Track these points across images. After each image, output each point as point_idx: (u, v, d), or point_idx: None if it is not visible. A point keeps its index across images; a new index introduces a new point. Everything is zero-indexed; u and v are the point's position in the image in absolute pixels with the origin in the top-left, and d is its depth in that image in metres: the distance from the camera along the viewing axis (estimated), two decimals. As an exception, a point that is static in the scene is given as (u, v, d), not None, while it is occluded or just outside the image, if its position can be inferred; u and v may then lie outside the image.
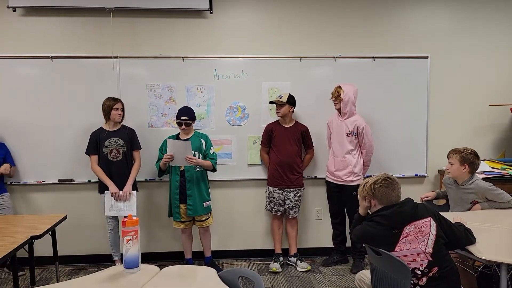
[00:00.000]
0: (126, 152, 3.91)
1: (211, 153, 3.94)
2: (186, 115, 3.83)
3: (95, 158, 3.89)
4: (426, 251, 2.23)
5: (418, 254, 2.23)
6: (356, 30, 4.38)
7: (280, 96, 4.04)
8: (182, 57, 4.25)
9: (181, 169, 3.86)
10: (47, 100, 4.15)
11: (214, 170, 3.97)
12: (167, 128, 4.26)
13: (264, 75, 4.33)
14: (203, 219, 3.97)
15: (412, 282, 2.22)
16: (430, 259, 2.23)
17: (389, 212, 2.30)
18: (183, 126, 3.84)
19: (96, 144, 3.86)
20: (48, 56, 4.12)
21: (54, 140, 4.18)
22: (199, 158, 3.84)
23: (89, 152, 3.90)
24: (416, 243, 2.23)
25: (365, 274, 2.66)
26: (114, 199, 3.88)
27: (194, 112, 3.92)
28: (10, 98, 4.12)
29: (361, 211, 2.56)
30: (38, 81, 4.14)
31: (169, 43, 4.26)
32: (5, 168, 3.90)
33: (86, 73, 4.18)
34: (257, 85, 4.33)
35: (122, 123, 3.97)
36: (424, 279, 2.23)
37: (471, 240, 2.41)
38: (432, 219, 2.30)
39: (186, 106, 3.99)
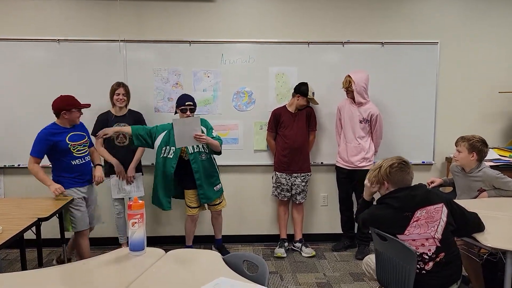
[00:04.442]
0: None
1: (215, 136, 3.77)
2: (190, 100, 3.76)
3: (100, 139, 3.87)
4: (435, 236, 2.22)
5: (427, 239, 2.22)
6: (365, 15, 4.32)
7: (314, 93, 4.06)
8: (189, 41, 4.22)
9: (185, 159, 3.76)
10: (54, 83, 4.15)
11: (220, 152, 3.85)
12: (173, 112, 4.25)
13: (271, 60, 4.30)
14: (217, 202, 3.97)
15: (418, 266, 2.22)
16: (439, 244, 2.22)
17: (402, 195, 2.29)
18: (188, 112, 3.71)
19: (102, 126, 3.81)
20: (55, 39, 4.12)
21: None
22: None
23: (95, 133, 3.85)
24: (426, 228, 2.22)
25: (372, 259, 2.66)
26: (121, 179, 3.89)
27: (194, 99, 3.84)
28: (17, 81, 4.13)
29: (366, 196, 2.55)
30: (45, 64, 4.15)
31: (176, 27, 4.23)
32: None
33: (93, 57, 4.17)
34: (264, 70, 4.30)
35: (129, 108, 3.97)
36: (431, 263, 2.22)
37: (481, 228, 2.41)
38: (444, 206, 2.29)
39: (186, 93, 3.89)
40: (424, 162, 4.49)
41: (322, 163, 4.45)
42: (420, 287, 2.23)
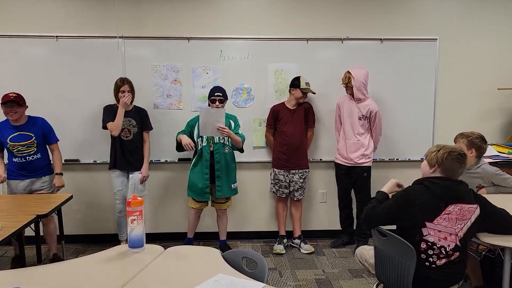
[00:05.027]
0: (137, 132, 3.91)
1: (240, 133, 3.88)
2: (220, 91, 3.82)
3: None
4: (459, 234, 2.21)
5: (450, 234, 2.20)
6: (364, 11, 4.31)
7: (309, 84, 4.02)
8: (187, 37, 4.21)
9: (210, 149, 3.84)
10: (52, 80, 4.15)
11: (242, 150, 3.96)
12: (172, 109, 4.26)
13: (270, 57, 4.29)
14: (224, 201, 4.00)
15: (431, 259, 2.22)
16: (458, 243, 2.21)
17: (444, 184, 2.27)
18: (217, 103, 3.79)
19: (114, 115, 3.78)
20: (53, 36, 4.10)
21: (59, 120, 4.18)
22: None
23: (107, 121, 3.80)
24: (454, 223, 2.20)
25: (368, 251, 2.66)
26: (141, 182, 3.93)
27: (226, 91, 3.90)
28: (15, 77, 4.12)
29: (386, 189, 2.54)
30: (43, 60, 4.13)
31: (174, 23, 4.21)
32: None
33: (91, 53, 4.16)
34: (263, 67, 4.30)
35: (134, 104, 3.96)
36: (444, 260, 2.22)
37: None
38: (478, 207, 2.27)
39: (218, 85, 3.99)
40: (423, 158, 4.44)
41: (321, 159, 4.45)
42: (426, 281, 2.24)
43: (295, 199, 4.21)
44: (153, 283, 1.77)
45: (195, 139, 3.88)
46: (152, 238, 4.33)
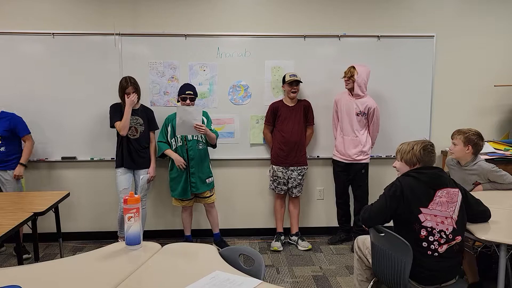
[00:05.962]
0: (143, 131, 3.90)
1: (213, 130, 3.94)
2: (190, 89, 3.84)
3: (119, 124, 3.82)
4: (453, 217, 2.32)
5: (446, 218, 2.31)
6: (361, 8, 4.31)
7: (294, 75, 4.01)
8: (184, 34, 4.20)
9: (186, 147, 3.88)
10: (49, 77, 4.13)
11: (215, 145, 3.99)
12: (169, 106, 4.25)
13: (267, 54, 4.29)
14: (207, 195, 4.01)
15: (432, 247, 2.29)
16: (455, 226, 2.31)
17: (430, 172, 2.42)
18: (188, 101, 3.81)
19: (121, 114, 3.78)
20: (50, 33, 4.09)
21: (56, 118, 4.18)
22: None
23: (115, 120, 3.79)
24: (446, 207, 2.32)
25: (368, 241, 2.66)
26: (148, 181, 3.97)
27: (196, 89, 3.92)
28: (11, 75, 4.10)
29: None
30: (39, 57, 4.12)
31: (171, 20, 4.20)
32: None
33: (88, 50, 4.14)
34: (260, 64, 4.29)
35: (141, 103, 3.95)
36: (445, 247, 2.29)
37: (488, 214, 2.53)
38: (459, 191, 2.42)
39: (188, 83, 3.98)
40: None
41: (318, 156, 4.46)
42: (425, 272, 2.30)
43: (293, 196, 4.22)
44: (150, 280, 1.77)
45: (169, 139, 3.92)
46: (150, 235, 4.34)
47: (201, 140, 3.91)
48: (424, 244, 2.29)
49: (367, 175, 4.14)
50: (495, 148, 4.10)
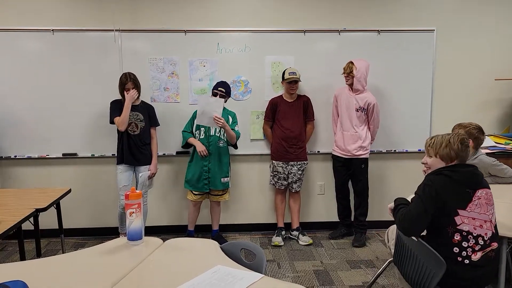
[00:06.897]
0: (144, 127, 3.89)
1: (236, 130, 3.95)
2: (223, 87, 3.88)
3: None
4: (492, 220, 2.15)
5: (485, 221, 2.12)
6: (361, 3, 4.30)
7: (294, 73, 3.99)
8: (184, 30, 4.19)
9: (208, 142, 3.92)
10: (49, 74, 4.13)
11: (235, 146, 4.01)
12: (169, 102, 4.25)
13: (267, 49, 4.28)
14: (220, 193, 4.04)
15: (464, 253, 2.09)
16: (494, 231, 2.15)
17: (464, 170, 2.20)
18: (218, 97, 3.84)
19: (120, 110, 3.76)
20: (49, 29, 4.08)
21: (57, 114, 4.18)
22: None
23: (114, 115, 3.78)
24: (486, 209, 2.13)
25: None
26: (149, 178, 3.95)
27: (230, 88, 3.96)
28: (11, 71, 4.10)
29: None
30: (39, 54, 4.11)
31: (171, 16, 4.19)
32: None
33: (87, 47, 4.14)
34: (260, 59, 4.29)
35: (141, 99, 3.94)
36: (479, 254, 2.10)
37: None
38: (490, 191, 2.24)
39: (224, 80, 4.01)
40: (420, 150, 4.50)
41: (318, 151, 4.46)
42: (461, 279, 2.10)
43: (293, 191, 4.23)
44: (151, 275, 1.78)
45: (193, 131, 3.94)
46: (152, 231, 4.35)
47: (222, 138, 3.93)
48: (455, 249, 2.10)
49: (367, 170, 4.14)
50: (496, 142, 4.10)
